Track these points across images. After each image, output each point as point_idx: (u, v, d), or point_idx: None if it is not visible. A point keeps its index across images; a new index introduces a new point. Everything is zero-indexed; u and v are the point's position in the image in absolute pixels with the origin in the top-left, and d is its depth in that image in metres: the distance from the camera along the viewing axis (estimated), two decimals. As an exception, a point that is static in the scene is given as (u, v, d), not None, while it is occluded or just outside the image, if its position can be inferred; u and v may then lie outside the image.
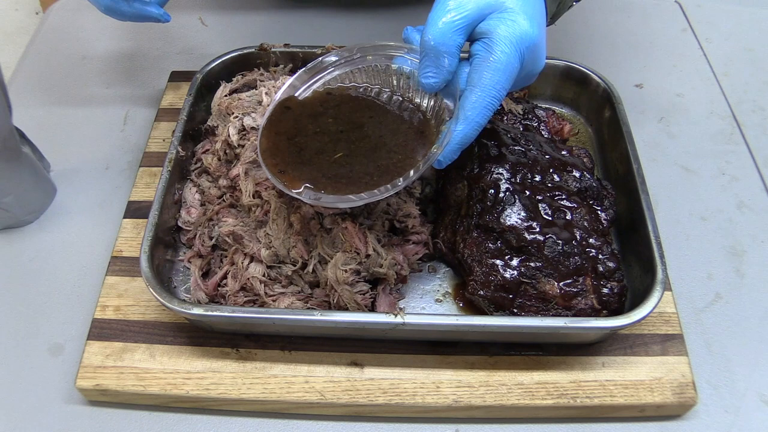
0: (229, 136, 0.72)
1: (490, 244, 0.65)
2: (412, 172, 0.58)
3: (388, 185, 0.58)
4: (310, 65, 0.67)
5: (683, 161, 0.84)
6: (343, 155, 0.62)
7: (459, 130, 0.57)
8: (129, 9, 0.73)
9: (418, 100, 0.65)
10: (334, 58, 0.67)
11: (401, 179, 0.58)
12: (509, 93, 0.80)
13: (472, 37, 0.58)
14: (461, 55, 0.58)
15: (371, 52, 0.66)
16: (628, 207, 0.70)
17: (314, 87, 0.67)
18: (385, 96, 0.66)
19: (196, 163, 0.76)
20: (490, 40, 0.56)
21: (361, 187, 0.59)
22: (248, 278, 0.65)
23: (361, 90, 0.67)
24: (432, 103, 0.63)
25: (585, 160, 0.73)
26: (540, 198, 0.66)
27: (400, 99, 0.66)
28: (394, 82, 0.66)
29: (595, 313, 0.63)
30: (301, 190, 0.60)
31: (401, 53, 0.65)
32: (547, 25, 0.69)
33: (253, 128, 0.73)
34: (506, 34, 0.55)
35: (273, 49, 0.82)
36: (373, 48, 0.66)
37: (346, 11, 1.03)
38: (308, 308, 0.65)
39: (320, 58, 0.67)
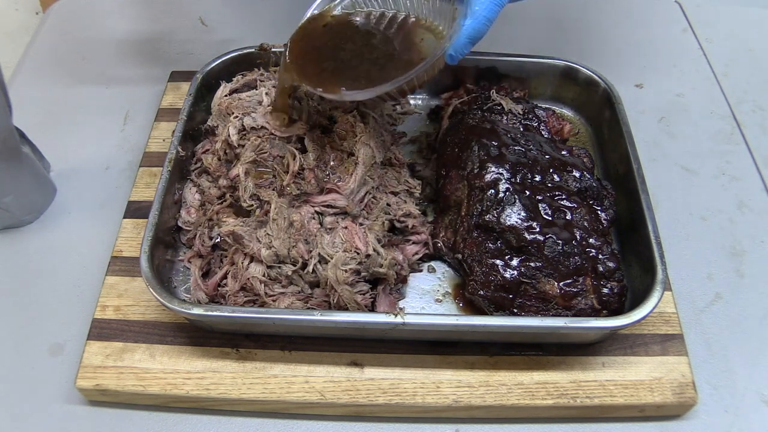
0: (229, 136, 0.72)
1: (490, 244, 0.65)
2: (424, 61, 0.61)
3: (405, 74, 0.61)
4: None
5: (683, 161, 0.84)
6: (348, 66, 0.66)
7: (468, 24, 0.60)
8: None
9: (432, 17, 0.67)
10: None
11: (415, 68, 0.61)
12: (509, 93, 0.80)
13: None
14: None
15: None
16: (628, 207, 0.70)
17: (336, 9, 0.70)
18: (397, 19, 0.69)
19: (196, 163, 0.76)
20: None
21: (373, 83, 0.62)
22: (248, 278, 0.65)
23: (371, 15, 0.70)
24: (447, 13, 0.66)
25: (585, 160, 0.73)
26: (540, 198, 0.66)
27: (413, 19, 0.68)
28: None
29: (595, 313, 0.63)
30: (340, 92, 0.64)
31: None
32: None
33: (253, 128, 0.73)
34: None
35: (273, 49, 0.82)
36: None
37: None
38: (308, 308, 0.65)
39: None
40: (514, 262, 0.64)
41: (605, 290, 0.63)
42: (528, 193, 0.66)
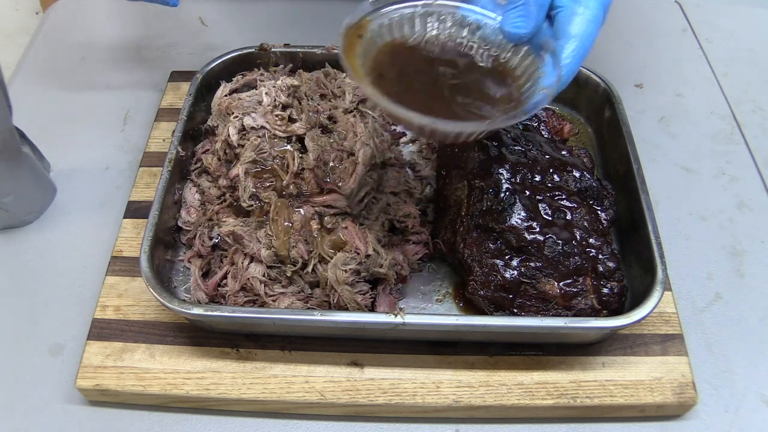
0: (229, 136, 0.72)
1: (490, 244, 0.65)
2: (538, 97, 0.57)
3: (508, 114, 0.56)
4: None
5: (683, 161, 0.84)
6: (436, 93, 0.59)
7: (565, 73, 0.57)
8: None
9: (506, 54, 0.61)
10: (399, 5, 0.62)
11: (521, 109, 0.56)
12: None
13: None
14: None
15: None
16: (628, 207, 0.70)
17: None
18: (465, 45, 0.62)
19: (196, 163, 0.76)
20: None
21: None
22: (248, 278, 0.65)
23: (442, 37, 0.63)
24: (510, 54, 0.60)
25: (585, 160, 0.73)
26: (540, 198, 0.66)
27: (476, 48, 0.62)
28: (463, 31, 0.62)
29: (595, 313, 0.63)
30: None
31: (460, 3, 0.62)
32: None
33: (252, 128, 0.73)
34: None
35: (273, 49, 0.82)
36: None
37: (350, 4, 1.03)
38: (308, 308, 0.65)
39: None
40: (514, 262, 0.64)
41: (605, 290, 0.63)
42: (528, 193, 0.66)
